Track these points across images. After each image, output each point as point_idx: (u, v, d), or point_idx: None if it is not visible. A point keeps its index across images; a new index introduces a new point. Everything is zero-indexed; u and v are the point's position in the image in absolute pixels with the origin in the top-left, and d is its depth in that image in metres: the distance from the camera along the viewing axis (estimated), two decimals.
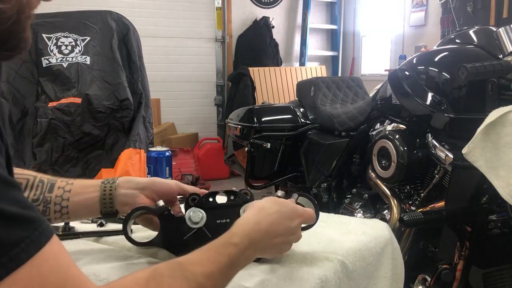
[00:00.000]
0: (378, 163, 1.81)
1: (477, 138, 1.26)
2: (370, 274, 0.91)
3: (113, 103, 2.60)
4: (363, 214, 1.98)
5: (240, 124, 2.51)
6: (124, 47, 2.82)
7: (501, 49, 1.46)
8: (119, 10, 3.12)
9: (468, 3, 4.21)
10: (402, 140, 1.70)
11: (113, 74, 2.69)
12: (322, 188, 2.24)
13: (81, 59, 2.69)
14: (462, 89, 1.50)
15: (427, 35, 4.86)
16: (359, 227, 1.01)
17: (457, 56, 1.62)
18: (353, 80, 2.59)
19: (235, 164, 2.70)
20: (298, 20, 6.00)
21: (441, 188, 1.62)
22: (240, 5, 5.60)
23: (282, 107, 2.57)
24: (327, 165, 2.22)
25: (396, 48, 5.29)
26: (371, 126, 2.08)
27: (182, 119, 5.36)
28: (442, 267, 1.48)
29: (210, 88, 5.58)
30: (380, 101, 1.92)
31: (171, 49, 5.28)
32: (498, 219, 1.45)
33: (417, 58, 1.75)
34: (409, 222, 1.37)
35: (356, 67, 6.03)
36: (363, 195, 2.03)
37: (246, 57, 5.41)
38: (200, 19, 5.42)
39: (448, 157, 1.48)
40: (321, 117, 2.34)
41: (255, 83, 5.14)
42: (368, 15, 5.88)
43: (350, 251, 0.88)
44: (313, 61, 6.02)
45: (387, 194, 1.81)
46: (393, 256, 0.98)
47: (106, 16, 2.82)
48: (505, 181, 1.20)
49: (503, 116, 1.22)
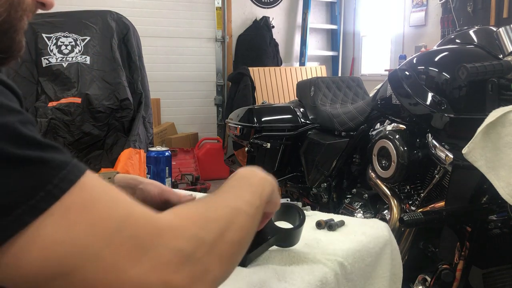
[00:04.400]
0: (378, 163, 1.81)
1: (477, 138, 1.25)
2: (368, 275, 0.91)
3: (113, 103, 2.60)
4: (363, 214, 1.98)
5: (240, 124, 2.51)
6: (124, 47, 2.82)
7: (501, 49, 1.46)
8: (119, 10, 3.11)
9: (468, 3, 4.21)
10: (402, 140, 1.70)
11: (113, 74, 2.68)
12: (322, 188, 2.24)
13: (81, 59, 2.69)
14: (462, 89, 1.50)
15: (427, 35, 4.86)
16: (358, 227, 1.01)
17: (457, 56, 1.61)
18: (353, 80, 2.59)
19: (235, 164, 2.70)
20: (298, 20, 6.00)
21: (441, 188, 1.61)
22: (240, 5, 5.60)
23: (282, 107, 2.57)
24: (327, 165, 2.22)
25: (396, 48, 5.29)
26: (371, 126, 2.08)
27: (182, 119, 5.36)
28: (442, 267, 1.48)
29: (210, 88, 5.58)
30: (380, 101, 1.92)
31: (171, 49, 5.28)
32: (498, 219, 1.45)
33: (417, 58, 1.75)
34: (409, 222, 1.37)
35: (356, 67, 6.03)
36: (363, 195, 2.03)
37: (246, 57, 5.41)
38: (200, 19, 5.42)
39: (448, 157, 1.48)
40: (321, 117, 2.34)
41: (255, 83, 5.14)
42: (368, 15, 5.87)
43: (350, 252, 0.88)
44: (313, 61, 6.02)
45: (387, 194, 1.81)
46: (392, 257, 0.98)
47: (106, 16, 2.82)
48: (505, 181, 1.19)
49: (503, 116, 1.22)
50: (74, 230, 0.39)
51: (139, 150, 2.52)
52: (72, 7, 3.37)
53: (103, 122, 2.59)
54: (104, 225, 0.40)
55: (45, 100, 2.59)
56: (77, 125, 2.55)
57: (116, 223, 0.41)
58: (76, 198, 0.40)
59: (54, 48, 2.69)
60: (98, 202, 0.41)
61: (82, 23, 2.77)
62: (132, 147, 2.50)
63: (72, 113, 2.55)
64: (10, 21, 0.50)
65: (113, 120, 2.61)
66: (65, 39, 2.72)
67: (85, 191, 0.41)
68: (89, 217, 0.40)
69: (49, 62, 2.66)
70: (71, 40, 2.72)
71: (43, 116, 2.55)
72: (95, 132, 2.58)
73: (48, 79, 2.65)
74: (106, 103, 2.59)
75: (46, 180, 0.38)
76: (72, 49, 2.71)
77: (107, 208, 0.41)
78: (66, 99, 2.59)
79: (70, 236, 0.39)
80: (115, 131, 2.63)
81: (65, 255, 0.38)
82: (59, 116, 2.54)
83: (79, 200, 0.40)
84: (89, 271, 0.39)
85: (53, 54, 2.68)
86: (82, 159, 2.58)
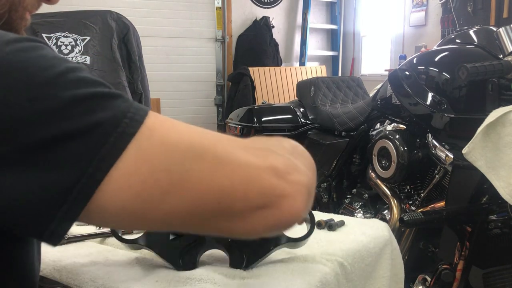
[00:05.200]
0: (378, 163, 1.81)
1: (477, 138, 1.25)
2: (368, 275, 0.91)
3: None
4: (363, 214, 1.98)
5: (240, 124, 2.51)
6: (124, 47, 2.82)
7: (501, 49, 1.45)
8: (119, 10, 3.11)
9: (468, 3, 4.21)
10: (402, 140, 1.70)
11: (113, 74, 2.68)
12: (322, 188, 2.24)
13: (81, 59, 2.69)
14: (462, 89, 1.50)
15: (427, 35, 4.86)
16: (358, 227, 1.01)
17: (457, 56, 1.61)
18: (353, 80, 2.59)
19: None
20: (298, 20, 6.00)
21: (441, 188, 1.61)
22: (240, 5, 5.60)
23: (282, 107, 2.57)
24: (327, 165, 2.22)
25: (396, 48, 5.29)
26: (371, 126, 2.08)
27: (182, 119, 5.20)
28: (442, 267, 1.48)
29: (210, 88, 5.58)
30: (380, 101, 1.91)
31: (171, 49, 5.28)
32: (498, 219, 1.45)
33: (417, 58, 1.75)
34: (409, 222, 1.37)
35: (356, 67, 6.03)
36: (363, 195, 2.03)
37: (246, 57, 5.41)
38: (200, 19, 5.42)
39: (448, 157, 1.48)
40: (321, 117, 2.34)
41: (255, 83, 5.14)
42: (368, 15, 5.88)
43: (350, 252, 0.88)
44: (313, 61, 6.02)
45: (387, 194, 1.81)
46: (392, 256, 0.98)
47: (106, 16, 2.82)
48: (505, 181, 1.19)
49: (503, 116, 1.22)
50: (179, 131, 0.48)
51: None
52: (72, 7, 3.37)
53: None
54: (202, 132, 0.49)
55: None
56: None
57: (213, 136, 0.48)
58: (156, 119, 0.45)
59: (54, 48, 2.69)
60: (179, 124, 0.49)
61: (82, 23, 2.77)
62: None
63: None
64: (11, 21, 0.50)
65: None
66: (65, 39, 2.72)
67: (161, 118, 0.47)
68: (184, 127, 0.49)
69: None
70: (71, 40, 2.72)
71: None
72: None
73: None
74: None
75: (126, 110, 0.42)
76: (72, 49, 2.71)
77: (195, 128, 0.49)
78: None
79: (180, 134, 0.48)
80: None
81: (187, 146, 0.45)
82: None
83: (160, 121, 0.46)
84: (216, 150, 0.44)
85: None
86: None
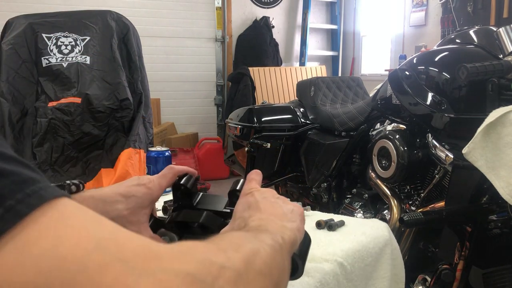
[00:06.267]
0: (378, 163, 1.81)
1: (477, 138, 1.25)
2: (368, 275, 0.91)
3: (113, 103, 2.60)
4: (363, 214, 1.98)
5: (240, 124, 2.51)
6: (124, 47, 2.81)
7: (501, 49, 1.45)
8: (119, 10, 3.11)
9: (468, 3, 4.21)
10: (402, 140, 1.70)
11: (113, 74, 2.68)
12: (322, 188, 2.24)
13: (81, 59, 2.69)
14: (462, 89, 1.50)
15: (427, 35, 4.86)
16: (358, 227, 1.00)
17: (457, 56, 1.61)
18: (353, 80, 2.59)
19: (235, 164, 2.70)
20: (298, 20, 6.00)
21: (441, 188, 1.61)
22: (240, 5, 5.60)
23: (282, 107, 2.57)
24: (327, 165, 2.22)
25: (396, 48, 5.29)
26: (371, 126, 2.08)
27: (182, 119, 5.36)
28: (442, 267, 1.48)
29: (210, 88, 5.58)
30: (380, 101, 1.91)
31: (171, 49, 5.28)
32: (498, 219, 1.45)
33: (417, 58, 1.75)
34: (409, 222, 1.37)
35: (356, 67, 6.03)
36: (363, 195, 2.03)
37: (246, 57, 5.41)
38: (200, 19, 5.42)
39: (448, 157, 1.48)
40: (321, 117, 2.34)
41: (255, 83, 5.14)
42: (368, 15, 5.87)
43: (350, 252, 0.88)
44: (313, 61, 6.02)
45: (387, 194, 1.81)
46: (392, 257, 0.98)
47: (106, 16, 2.82)
48: (505, 181, 1.19)
49: (503, 116, 1.22)
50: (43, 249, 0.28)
51: (139, 150, 2.52)
52: (72, 7, 3.38)
53: (103, 122, 2.59)
54: (82, 245, 0.29)
55: (45, 100, 2.59)
56: (77, 125, 2.55)
57: (95, 242, 0.30)
58: (49, 221, 0.30)
59: (54, 48, 2.69)
60: (72, 219, 0.31)
61: (82, 23, 2.77)
62: (132, 147, 2.50)
63: (72, 113, 2.55)
64: None
65: (113, 120, 2.61)
66: (65, 39, 2.72)
67: (57, 210, 0.31)
68: (58, 234, 0.30)
69: (49, 62, 2.66)
70: (71, 40, 2.72)
71: (43, 116, 2.54)
72: (95, 132, 2.58)
73: (48, 79, 2.64)
74: (106, 103, 2.58)
75: (6, 194, 0.29)
76: (72, 49, 2.71)
77: (83, 228, 0.31)
78: (66, 99, 2.59)
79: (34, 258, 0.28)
80: (115, 131, 2.62)
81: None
82: (59, 116, 2.54)
83: (47, 219, 0.30)
84: None
85: (53, 54, 2.68)
86: (82, 159, 2.58)
